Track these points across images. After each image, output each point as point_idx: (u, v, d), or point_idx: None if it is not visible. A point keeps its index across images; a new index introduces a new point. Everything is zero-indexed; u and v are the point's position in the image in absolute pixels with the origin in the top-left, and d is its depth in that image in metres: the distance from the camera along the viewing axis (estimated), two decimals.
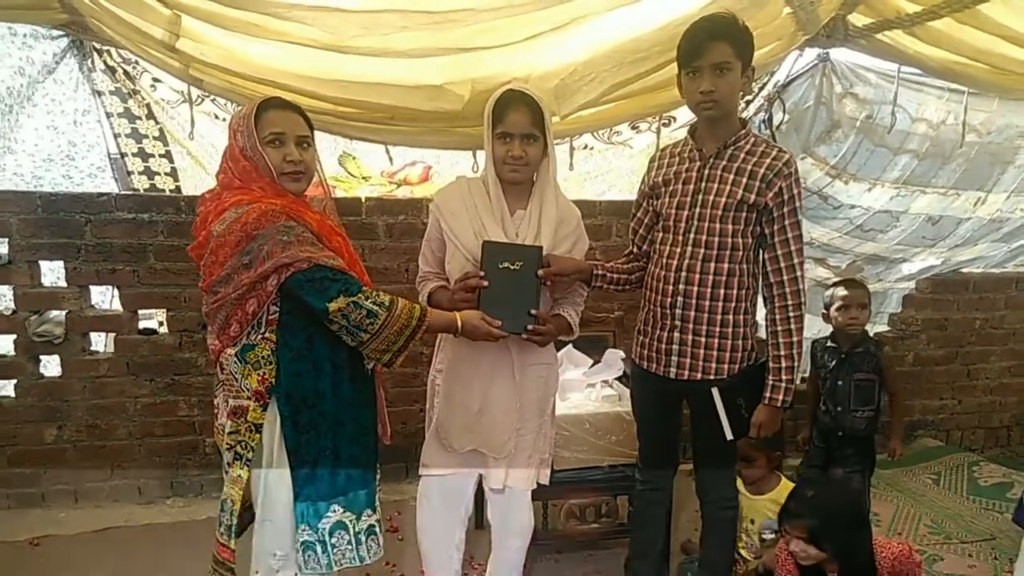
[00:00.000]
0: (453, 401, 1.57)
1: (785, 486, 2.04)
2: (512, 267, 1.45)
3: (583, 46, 2.03)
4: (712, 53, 1.44)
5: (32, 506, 2.44)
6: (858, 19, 2.22)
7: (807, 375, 2.53)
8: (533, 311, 1.48)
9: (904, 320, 3.12)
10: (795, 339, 1.54)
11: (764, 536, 1.99)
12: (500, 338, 1.44)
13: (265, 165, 1.30)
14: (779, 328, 1.54)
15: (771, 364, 1.56)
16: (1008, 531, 2.40)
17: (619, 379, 2.19)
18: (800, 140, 2.64)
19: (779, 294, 1.54)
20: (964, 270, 3.13)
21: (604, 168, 2.81)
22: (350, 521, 1.37)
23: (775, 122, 2.60)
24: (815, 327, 3.50)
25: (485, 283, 1.44)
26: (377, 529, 1.42)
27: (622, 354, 2.21)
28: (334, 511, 1.35)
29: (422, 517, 1.69)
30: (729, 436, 1.57)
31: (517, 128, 1.46)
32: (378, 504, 1.46)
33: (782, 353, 1.54)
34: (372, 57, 1.96)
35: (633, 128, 2.60)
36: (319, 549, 1.33)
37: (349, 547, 1.36)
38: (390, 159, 2.63)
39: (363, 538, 1.38)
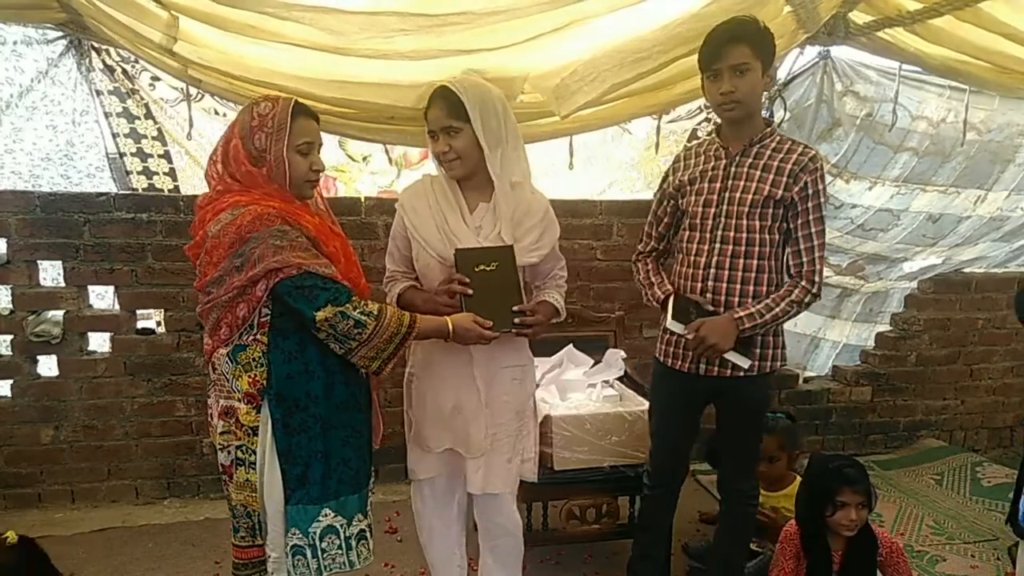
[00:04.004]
0: (425, 402, 1.55)
1: (800, 482, 2.03)
2: (488, 268, 1.44)
3: (583, 46, 2.03)
4: (731, 55, 1.47)
5: (29, 507, 2.43)
6: (859, 17, 2.22)
7: None
8: (516, 307, 1.46)
9: (906, 320, 3.11)
10: (793, 311, 1.55)
11: None
12: (493, 339, 1.43)
13: (283, 171, 1.28)
14: (793, 291, 1.54)
15: (765, 301, 1.55)
16: (1011, 531, 2.38)
17: (620, 379, 2.17)
18: (801, 138, 2.62)
19: (797, 275, 1.56)
20: (966, 270, 3.12)
21: (602, 157, 2.81)
22: (341, 525, 1.35)
23: (776, 120, 2.59)
24: (815, 325, 3.50)
25: (470, 291, 1.42)
26: (368, 534, 1.41)
27: (623, 354, 2.20)
28: (325, 515, 1.33)
29: (419, 521, 1.68)
30: (745, 364, 1.54)
31: (436, 124, 1.46)
32: (369, 509, 1.44)
33: (778, 308, 1.54)
34: (371, 59, 1.96)
35: None
36: (308, 553, 1.32)
37: (339, 552, 1.35)
38: (389, 159, 2.63)
39: (353, 543, 1.37)
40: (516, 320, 1.45)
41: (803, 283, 1.55)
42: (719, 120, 1.62)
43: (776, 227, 1.54)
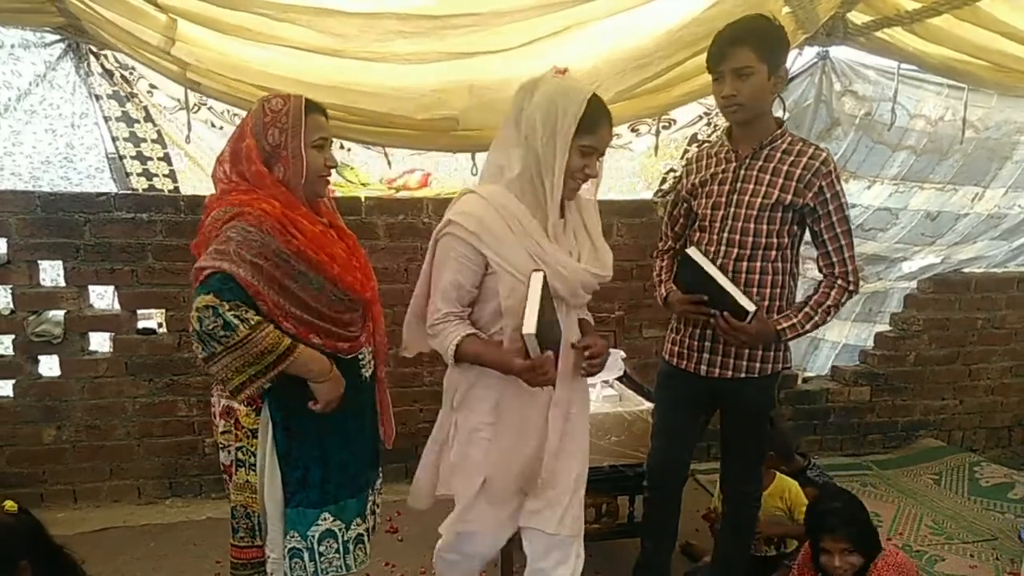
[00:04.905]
0: (510, 458, 1.34)
1: (781, 480, 2.04)
2: (550, 329, 1.24)
3: (585, 53, 2.02)
4: (733, 58, 1.46)
5: (31, 506, 2.36)
6: (857, 17, 2.22)
7: None
8: (582, 344, 1.33)
9: (905, 320, 3.11)
10: (831, 315, 1.56)
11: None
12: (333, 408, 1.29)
13: (300, 167, 1.26)
14: (831, 294, 1.56)
15: (804, 310, 1.55)
16: (1009, 532, 2.39)
17: (620, 379, 2.18)
18: None
19: (830, 275, 1.58)
20: (965, 270, 3.12)
21: (605, 168, 2.80)
22: (339, 530, 1.35)
23: None
24: None
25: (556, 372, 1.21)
26: (365, 538, 1.41)
27: (623, 354, 2.20)
28: (324, 519, 1.33)
29: (448, 569, 1.49)
30: (750, 308, 1.47)
31: (604, 145, 1.30)
32: (368, 512, 1.44)
33: (816, 316, 1.55)
34: (371, 62, 1.96)
35: (633, 131, 2.60)
36: (306, 556, 1.32)
37: (336, 555, 1.35)
38: (389, 163, 2.62)
39: (351, 547, 1.37)
40: (584, 365, 1.34)
41: (839, 282, 1.56)
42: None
43: (785, 230, 1.55)
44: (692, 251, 1.54)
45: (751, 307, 1.46)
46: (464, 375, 1.34)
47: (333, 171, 1.40)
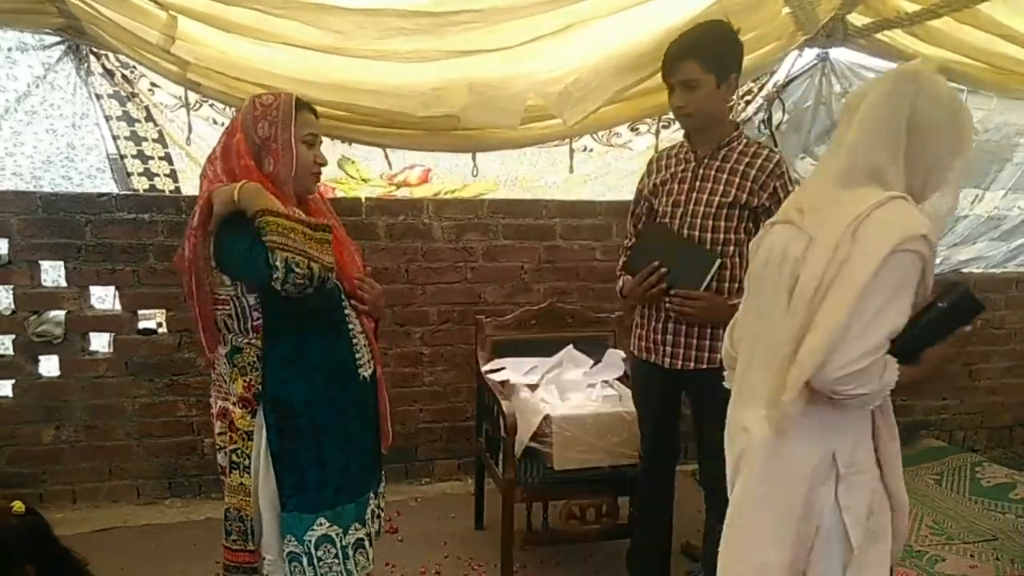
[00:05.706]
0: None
1: None
2: None
3: (585, 52, 2.03)
4: (679, 72, 1.54)
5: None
6: (857, 19, 2.23)
7: None
8: None
9: None
10: None
11: None
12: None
13: (290, 160, 1.27)
14: None
15: None
16: (1010, 532, 2.39)
17: (620, 379, 2.18)
18: (800, 140, 2.64)
19: None
20: (964, 270, 3.13)
21: (603, 170, 2.81)
22: (337, 535, 1.33)
23: (775, 122, 2.60)
24: None
25: None
26: (366, 543, 1.39)
27: (623, 354, 2.21)
28: (320, 524, 1.32)
29: None
30: (714, 257, 1.59)
31: None
32: (369, 517, 1.42)
33: None
34: (371, 60, 1.96)
35: (633, 130, 2.60)
36: (304, 561, 1.31)
37: (336, 561, 1.33)
38: (389, 164, 2.62)
39: (350, 552, 1.35)
40: None
41: None
42: None
43: (741, 227, 1.61)
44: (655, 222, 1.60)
45: (715, 257, 1.56)
46: (845, 425, 1.10)
47: (334, 164, 1.41)
